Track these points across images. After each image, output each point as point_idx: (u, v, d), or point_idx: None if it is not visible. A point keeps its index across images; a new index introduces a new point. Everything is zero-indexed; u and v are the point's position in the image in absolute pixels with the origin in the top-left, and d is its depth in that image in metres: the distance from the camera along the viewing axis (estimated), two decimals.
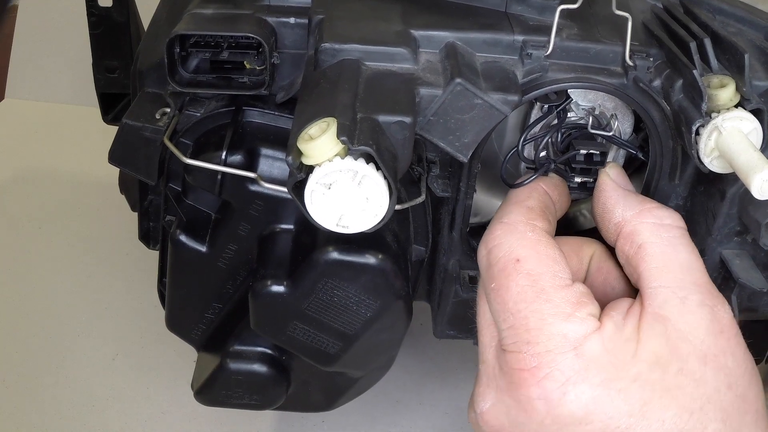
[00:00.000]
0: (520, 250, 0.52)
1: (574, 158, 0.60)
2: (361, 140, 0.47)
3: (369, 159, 0.48)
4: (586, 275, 0.59)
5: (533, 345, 0.49)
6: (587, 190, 0.61)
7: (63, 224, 1.12)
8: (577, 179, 0.61)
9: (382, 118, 0.50)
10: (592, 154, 0.60)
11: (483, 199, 0.68)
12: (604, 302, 0.56)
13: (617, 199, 0.56)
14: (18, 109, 1.38)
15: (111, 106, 0.81)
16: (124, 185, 0.73)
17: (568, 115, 0.60)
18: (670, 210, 0.55)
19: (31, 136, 1.32)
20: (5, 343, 0.95)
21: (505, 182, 0.61)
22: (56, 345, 0.95)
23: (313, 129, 0.48)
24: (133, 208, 0.71)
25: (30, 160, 1.25)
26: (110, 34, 0.78)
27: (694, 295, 0.51)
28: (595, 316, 0.51)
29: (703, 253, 0.62)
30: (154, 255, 0.69)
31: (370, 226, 0.50)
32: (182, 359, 0.90)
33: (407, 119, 0.50)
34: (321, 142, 0.47)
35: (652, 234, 0.54)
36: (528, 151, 0.62)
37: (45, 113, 1.36)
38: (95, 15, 0.78)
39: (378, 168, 0.48)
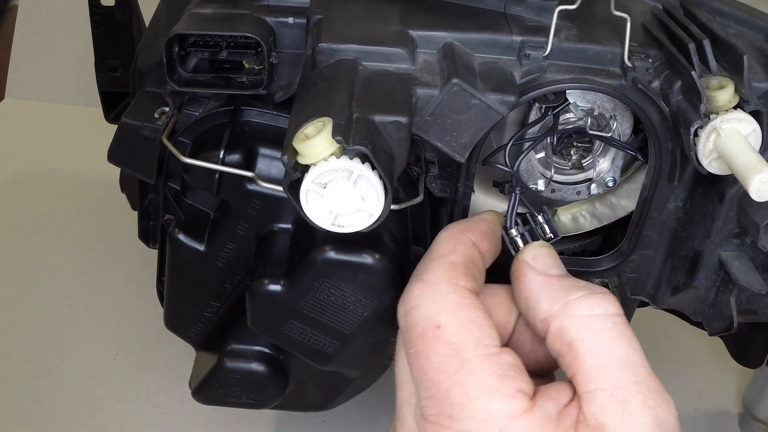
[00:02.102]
0: (441, 315, 0.47)
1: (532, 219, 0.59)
2: (357, 140, 0.47)
3: (364, 159, 0.48)
4: (514, 328, 0.54)
5: (456, 421, 0.45)
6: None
7: (63, 224, 1.12)
8: (513, 231, 0.58)
9: (378, 118, 0.50)
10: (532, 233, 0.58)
11: (482, 199, 0.68)
12: (532, 361, 0.52)
13: (540, 292, 0.50)
14: (18, 109, 1.38)
15: (113, 105, 0.81)
16: (125, 184, 0.73)
17: (567, 116, 0.60)
18: (601, 296, 0.49)
19: (31, 136, 1.32)
20: (5, 343, 0.95)
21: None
22: (56, 345, 0.95)
23: (309, 128, 0.48)
24: (134, 207, 0.71)
25: (30, 160, 1.25)
26: (112, 33, 0.79)
27: (636, 397, 0.45)
28: (526, 393, 0.46)
29: (702, 254, 0.62)
30: (154, 255, 0.69)
31: (366, 226, 0.50)
32: (182, 359, 0.90)
33: (403, 119, 0.50)
34: (316, 141, 0.47)
35: (582, 329, 0.47)
36: (532, 159, 0.62)
37: (45, 113, 1.36)
38: (98, 14, 0.78)
39: (373, 168, 0.48)
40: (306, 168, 0.48)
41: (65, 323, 0.98)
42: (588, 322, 0.47)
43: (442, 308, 0.48)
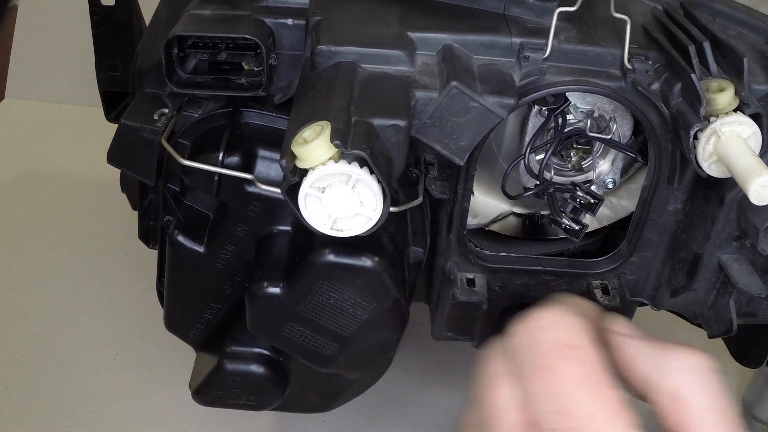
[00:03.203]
0: (580, 338, 0.48)
1: (564, 205, 0.62)
2: (355, 144, 0.47)
3: (363, 163, 0.48)
4: None
5: None
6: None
7: (63, 224, 1.12)
8: (565, 220, 0.62)
9: (377, 122, 0.50)
10: (583, 204, 0.62)
11: (482, 200, 0.68)
12: None
13: (635, 353, 0.51)
14: (18, 109, 1.38)
15: (114, 104, 0.81)
16: (125, 184, 0.73)
17: (567, 117, 0.60)
18: (699, 353, 0.49)
19: (31, 136, 1.32)
20: (5, 344, 0.95)
21: (507, 194, 0.62)
22: (56, 345, 0.95)
23: (307, 132, 0.48)
24: (134, 207, 0.71)
25: (30, 160, 1.25)
26: (113, 33, 0.78)
27: None
28: (639, 427, 0.47)
29: (701, 257, 0.62)
30: (154, 255, 0.69)
31: (365, 230, 0.50)
32: (182, 359, 0.90)
33: (402, 123, 0.50)
34: (315, 145, 0.47)
35: (691, 386, 0.49)
36: (532, 161, 0.62)
37: (45, 113, 1.36)
38: (98, 14, 0.78)
39: (372, 172, 0.48)
40: (304, 172, 0.48)
41: (65, 323, 0.98)
42: (694, 378, 0.48)
43: (580, 334, 0.48)
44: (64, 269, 1.05)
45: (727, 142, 0.52)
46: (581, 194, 0.61)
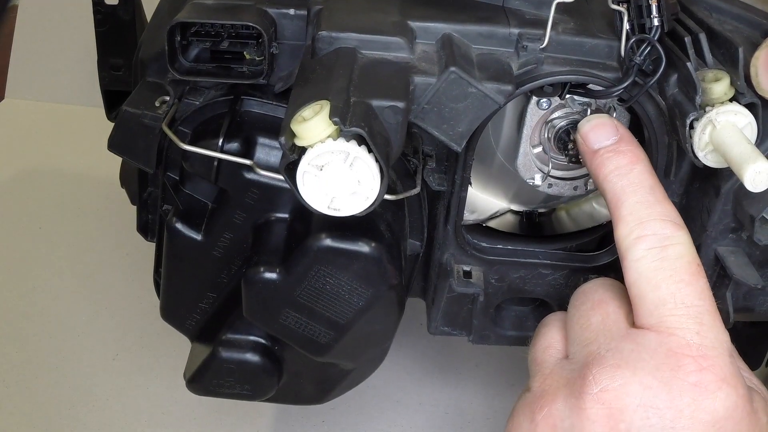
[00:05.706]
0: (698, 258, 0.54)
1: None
2: (354, 122, 0.47)
3: (361, 141, 0.48)
4: None
5: (702, 337, 0.51)
6: None
7: (63, 224, 1.12)
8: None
9: (376, 103, 0.50)
10: None
11: (480, 196, 0.69)
12: None
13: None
14: (18, 109, 1.38)
15: (115, 104, 0.81)
16: (125, 179, 0.73)
17: (565, 110, 0.61)
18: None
19: (31, 136, 1.32)
20: (5, 343, 0.95)
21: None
22: (56, 345, 0.95)
23: (307, 111, 0.48)
24: (133, 201, 0.71)
25: (30, 160, 1.25)
26: (115, 32, 0.79)
27: None
28: None
29: (698, 249, 0.62)
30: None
31: (362, 209, 0.50)
32: (182, 359, 0.89)
33: (400, 104, 0.51)
34: (313, 123, 0.47)
35: None
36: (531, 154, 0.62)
37: (45, 113, 1.37)
38: (101, 13, 0.78)
39: (370, 151, 0.48)
40: (303, 150, 0.48)
41: (65, 323, 0.98)
42: None
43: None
44: (64, 269, 1.05)
45: (722, 131, 0.52)
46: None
